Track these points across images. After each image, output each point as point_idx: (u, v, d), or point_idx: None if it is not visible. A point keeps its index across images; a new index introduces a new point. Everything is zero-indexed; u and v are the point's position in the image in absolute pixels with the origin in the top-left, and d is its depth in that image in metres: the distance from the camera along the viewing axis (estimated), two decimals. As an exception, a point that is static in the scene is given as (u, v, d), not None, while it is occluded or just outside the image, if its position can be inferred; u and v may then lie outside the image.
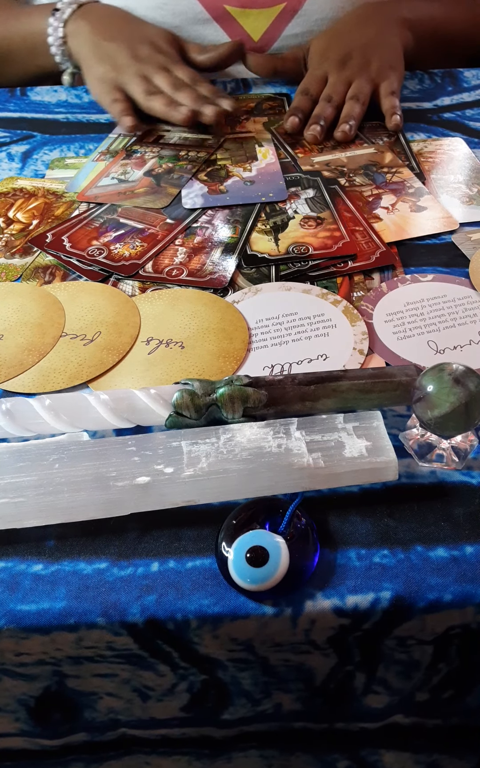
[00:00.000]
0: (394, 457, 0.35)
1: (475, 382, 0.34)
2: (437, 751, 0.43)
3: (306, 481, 0.35)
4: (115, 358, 0.45)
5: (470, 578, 0.33)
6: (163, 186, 0.62)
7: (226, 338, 0.46)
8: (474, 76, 0.78)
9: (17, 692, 0.37)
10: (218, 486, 0.34)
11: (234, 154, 0.66)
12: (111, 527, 0.35)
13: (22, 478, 0.34)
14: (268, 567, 0.31)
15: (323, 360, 0.44)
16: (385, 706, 0.38)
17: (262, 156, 0.65)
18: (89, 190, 0.62)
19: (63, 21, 0.73)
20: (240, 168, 0.64)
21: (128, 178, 0.63)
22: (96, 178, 0.63)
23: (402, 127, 0.68)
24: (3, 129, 0.71)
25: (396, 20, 0.74)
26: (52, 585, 0.33)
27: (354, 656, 0.35)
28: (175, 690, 0.37)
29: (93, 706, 0.38)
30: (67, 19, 0.73)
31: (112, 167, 0.65)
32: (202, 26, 0.77)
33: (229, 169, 0.63)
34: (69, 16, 0.73)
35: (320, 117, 0.67)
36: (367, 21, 0.74)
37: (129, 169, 0.64)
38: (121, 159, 0.66)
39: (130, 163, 0.65)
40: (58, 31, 0.73)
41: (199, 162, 0.64)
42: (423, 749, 0.43)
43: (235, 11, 0.76)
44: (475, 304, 0.48)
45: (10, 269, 0.53)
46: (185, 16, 0.76)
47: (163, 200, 0.60)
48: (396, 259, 0.53)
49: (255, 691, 0.37)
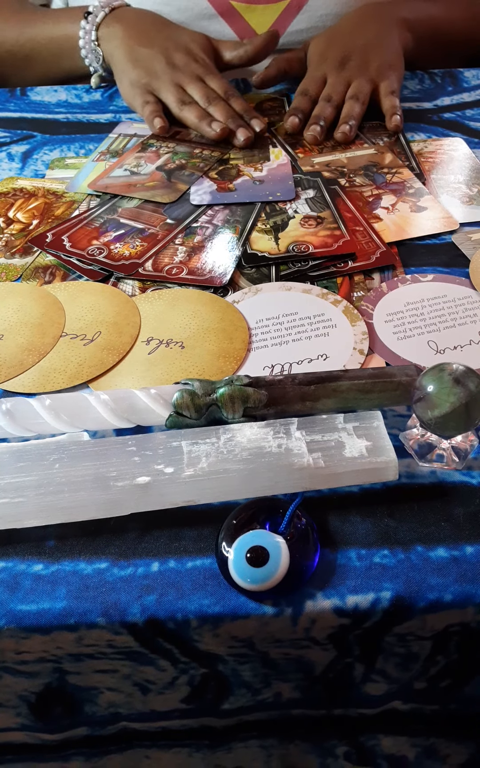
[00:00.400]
0: (394, 457, 0.35)
1: (475, 382, 0.34)
2: (435, 735, 0.43)
3: (306, 481, 0.35)
4: (115, 358, 0.45)
5: (470, 578, 0.33)
6: (174, 182, 0.62)
7: (226, 338, 0.46)
8: (474, 76, 0.78)
9: (18, 688, 0.37)
10: (218, 486, 0.34)
11: (247, 154, 0.66)
12: (111, 527, 0.35)
13: (22, 478, 0.34)
14: (269, 567, 0.32)
15: (323, 360, 0.44)
16: (384, 693, 0.39)
17: (274, 157, 0.65)
18: (101, 179, 0.62)
19: (96, 24, 0.73)
20: (251, 168, 0.64)
21: (140, 171, 0.63)
22: (110, 168, 0.64)
23: (402, 128, 0.68)
24: (3, 129, 0.71)
25: (395, 21, 0.74)
26: (52, 585, 0.33)
27: (353, 650, 0.35)
28: (176, 683, 0.37)
29: (93, 700, 0.38)
30: (99, 23, 0.73)
31: (127, 158, 0.65)
32: (207, 21, 0.77)
33: (241, 169, 0.64)
34: (101, 20, 0.73)
35: (320, 117, 0.67)
36: (367, 21, 0.74)
37: (142, 162, 0.65)
38: (137, 152, 0.66)
39: (144, 157, 0.65)
40: (90, 35, 0.73)
41: (212, 161, 0.64)
42: (420, 733, 0.43)
43: (241, 6, 0.76)
44: (476, 304, 0.49)
45: (11, 269, 0.53)
46: (191, 12, 0.76)
47: (171, 195, 0.60)
48: (396, 259, 0.53)
49: (255, 682, 0.37)
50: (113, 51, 0.72)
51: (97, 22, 0.73)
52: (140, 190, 0.61)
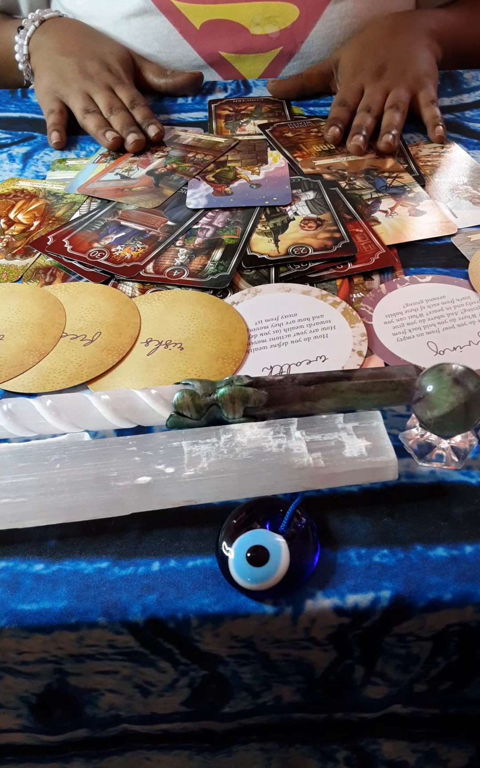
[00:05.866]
0: (394, 457, 0.35)
1: (475, 382, 0.34)
2: (435, 739, 0.43)
3: (306, 481, 0.35)
4: (115, 359, 0.45)
5: (470, 577, 0.33)
6: (161, 187, 0.62)
7: (226, 339, 0.46)
8: (473, 78, 0.79)
9: (19, 689, 0.37)
10: (218, 486, 0.34)
11: (245, 156, 0.66)
12: (112, 527, 0.36)
13: (23, 478, 0.35)
14: (269, 566, 0.32)
15: (322, 361, 0.45)
16: (384, 696, 0.39)
17: (272, 160, 0.65)
18: (91, 183, 0.62)
19: (27, 38, 0.74)
20: (248, 171, 0.64)
21: (131, 175, 0.64)
22: (102, 172, 0.64)
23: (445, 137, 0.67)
24: (4, 130, 0.72)
25: (426, 32, 0.74)
26: (53, 584, 0.33)
27: (353, 651, 0.35)
28: (176, 685, 0.37)
29: (94, 702, 0.38)
30: (30, 36, 0.74)
31: (120, 162, 0.65)
32: (199, 69, 0.78)
33: (238, 172, 0.64)
34: (32, 33, 0.74)
35: (361, 127, 0.66)
36: (399, 32, 0.73)
37: (134, 166, 0.65)
38: (131, 156, 0.66)
39: (137, 161, 0.66)
40: (23, 49, 0.74)
41: (204, 165, 0.65)
42: (421, 738, 0.43)
43: (231, 57, 0.77)
44: (475, 304, 0.49)
45: (11, 270, 0.53)
46: (180, 63, 0.77)
47: (156, 201, 0.60)
48: (396, 260, 0.53)
49: (255, 685, 0.37)
50: (37, 61, 0.73)
51: (28, 36, 0.74)
52: (127, 195, 0.61)
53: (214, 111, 0.74)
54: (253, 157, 0.66)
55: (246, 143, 0.68)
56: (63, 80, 0.70)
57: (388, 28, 0.74)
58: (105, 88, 0.69)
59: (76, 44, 0.72)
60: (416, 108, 0.68)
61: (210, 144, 0.68)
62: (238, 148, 0.68)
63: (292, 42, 0.76)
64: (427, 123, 0.68)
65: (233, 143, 0.68)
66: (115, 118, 0.67)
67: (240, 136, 0.70)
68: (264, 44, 0.76)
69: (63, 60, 0.71)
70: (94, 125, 0.67)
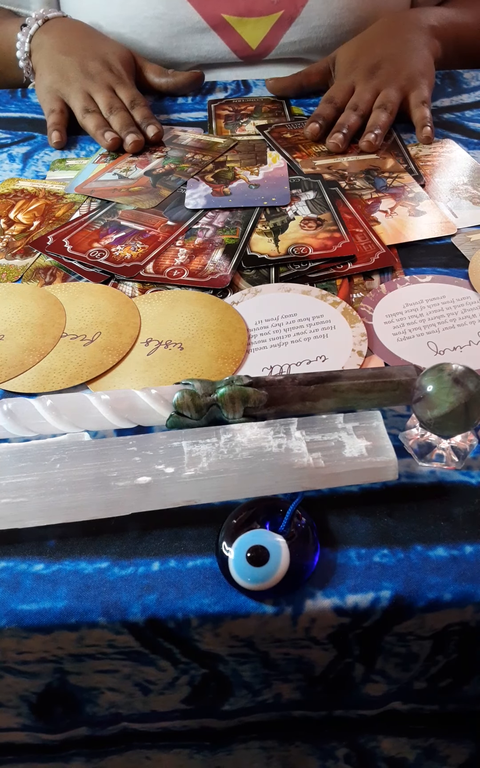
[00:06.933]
0: (394, 457, 0.35)
1: (475, 382, 0.34)
2: (434, 735, 0.43)
3: (306, 481, 0.35)
4: (115, 359, 0.45)
5: (469, 577, 0.33)
6: (158, 187, 0.62)
7: (225, 339, 0.46)
8: (473, 78, 0.79)
9: (19, 689, 0.37)
10: (219, 486, 0.34)
11: (244, 156, 0.66)
12: (112, 527, 0.36)
13: (23, 478, 0.35)
14: (269, 566, 0.32)
15: (322, 361, 0.45)
16: (384, 694, 0.39)
17: (271, 160, 0.65)
18: (89, 183, 0.62)
19: (29, 36, 0.74)
20: (247, 171, 0.64)
21: (129, 175, 0.64)
22: (100, 172, 0.64)
23: (433, 139, 0.67)
24: (4, 130, 0.72)
25: (425, 29, 0.74)
26: (53, 584, 0.33)
27: (353, 650, 0.35)
28: (176, 683, 0.37)
29: (94, 701, 0.38)
30: (32, 35, 0.74)
31: (119, 162, 0.65)
32: (199, 35, 0.77)
33: (237, 172, 0.64)
34: (34, 32, 0.74)
35: (344, 125, 0.66)
36: (397, 30, 0.73)
37: (133, 166, 0.65)
38: (130, 156, 0.66)
39: (136, 161, 0.66)
40: (24, 46, 0.74)
41: (202, 165, 0.65)
42: (420, 734, 0.43)
43: (233, 20, 0.76)
44: (475, 304, 0.49)
45: (11, 270, 0.53)
46: (183, 26, 0.77)
47: (152, 201, 0.60)
48: (396, 260, 0.53)
49: (255, 682, 0.37)
50: (39, 60, 0.73)
51: (30, 34, 0.74)
52: (124, 195, 0.61)
53: (214, 111, 0.74)
54: (253, 157, 0.66)
55: (245, 144, 0.68)
56: (64, 79, 0.70)
57: (387, 26, 0.74)
58: (106, 87, 0.69)
59: (77, 44, 0.72)
60: (407, 108, 0.68)
61: (209, 144, 0.68)
62: (237, 149, 0.68)
63: (293, 5, 0.76)
64: (416, 124, 0.67)
65: (232, 144, 0.68)
66: (114, 119, 0.67)
67: (239, 136, 0.70)
68: (266, 7, 0.76)
69: (64, 59, 0.71)
70: (93, 125, 0.67)
